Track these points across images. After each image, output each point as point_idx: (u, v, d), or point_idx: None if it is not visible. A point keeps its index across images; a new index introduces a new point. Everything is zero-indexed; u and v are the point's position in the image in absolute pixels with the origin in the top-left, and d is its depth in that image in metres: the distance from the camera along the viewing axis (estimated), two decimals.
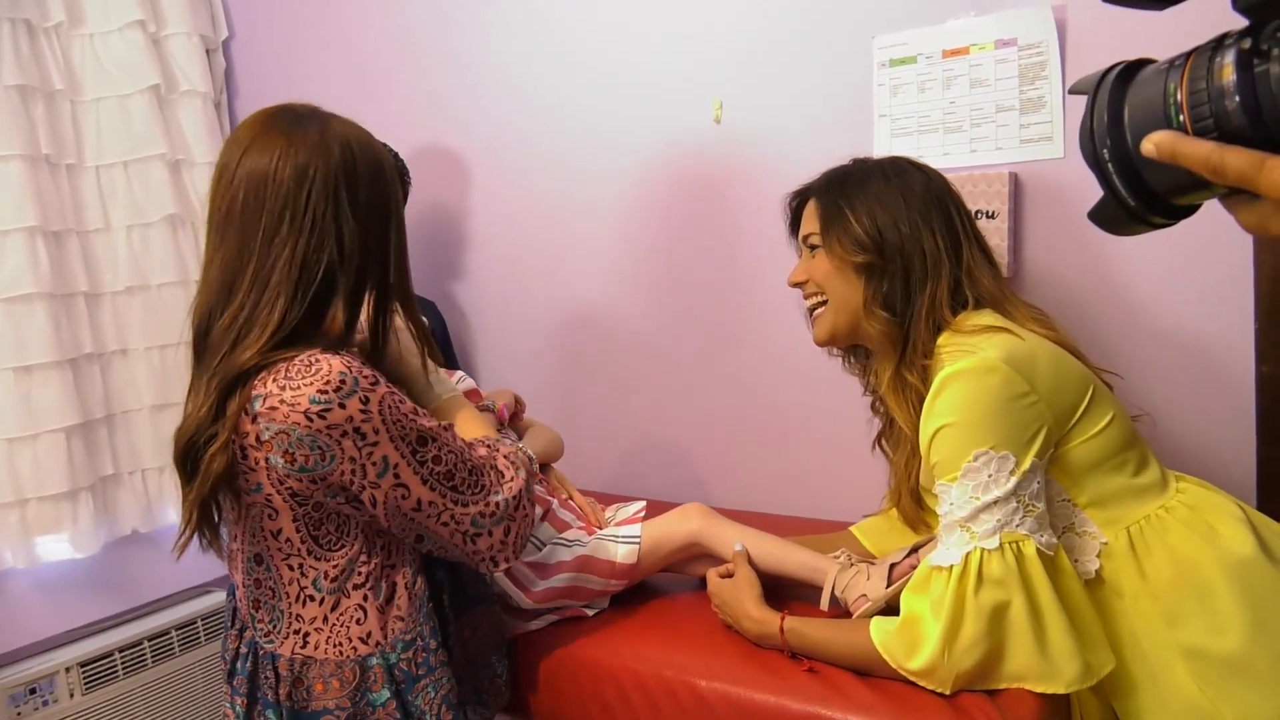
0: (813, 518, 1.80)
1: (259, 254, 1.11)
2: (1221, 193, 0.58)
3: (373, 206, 1.16)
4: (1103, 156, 0.62)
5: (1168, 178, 0.59)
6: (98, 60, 2.34)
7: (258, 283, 1.11)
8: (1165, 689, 1.15)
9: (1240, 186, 0.55)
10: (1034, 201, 1.57)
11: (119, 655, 2.31)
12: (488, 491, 1.15)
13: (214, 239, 1.16)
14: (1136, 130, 0.60)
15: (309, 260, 1.11)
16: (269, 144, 1.13)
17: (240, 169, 1.13)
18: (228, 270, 1.13)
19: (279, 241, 1.11)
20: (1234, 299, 1.41)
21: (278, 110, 1.19)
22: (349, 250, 1.13)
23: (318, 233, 1.11)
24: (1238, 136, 0.54)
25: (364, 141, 1.18)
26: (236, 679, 1.24)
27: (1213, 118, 0.55)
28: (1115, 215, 0.64)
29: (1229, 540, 1.16)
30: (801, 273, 1.40)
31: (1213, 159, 0.54)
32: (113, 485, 2.36)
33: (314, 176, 1.11)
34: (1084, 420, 1.19)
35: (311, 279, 1.11)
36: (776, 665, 1.26)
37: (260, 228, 1.11)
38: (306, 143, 1.13)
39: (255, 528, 1.16)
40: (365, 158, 1.16)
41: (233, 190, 1.13)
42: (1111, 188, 0.63)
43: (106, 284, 2.35)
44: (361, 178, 1.14)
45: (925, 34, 1.63)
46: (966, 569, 1.13)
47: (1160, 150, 0.57)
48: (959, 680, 1.13)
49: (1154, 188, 0.61)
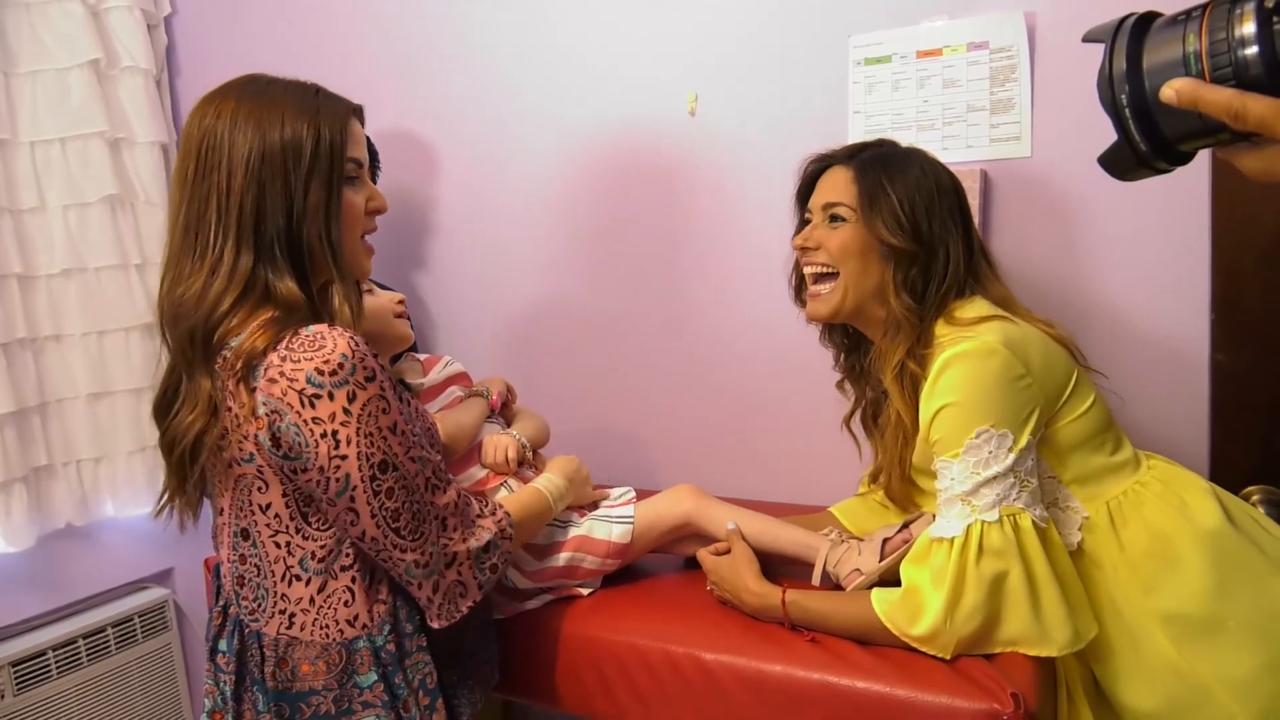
0: (790, 501, 1.84)
1: (210, 216, 1.11)
2: (1226, 140, 0.63)
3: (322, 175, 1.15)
4: (1120, 102, 0.66)
5: (1181, 124, 0.63)
6: (34, 32, 2.23)
7: (210, 234, 1.11)
8: (1144, 652, 1.23)
9: (1258, 131, 0.59)
10: (1002, 198, 1.65)
11: (52, 654, 2.22)
12: (425, 540, 1.13)
13: (173, 205, 1.16)
14: (1154, 78, 0.64)
15: (261, 220, 1.11)
16: (226, 107, 1.13)
17: (196, 136, 1.13)
18: (188, 231, 1.13)
19: (232, 199, 1.11)
20: (1191, 292, 1.51)
21: (246, 77, 1.19)
22: (296, 212, 1.13)
23: (270, 195, 1.11)
24: (1255, 85, 0.59)
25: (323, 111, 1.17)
26: (221, 656, 1.22)
27: (1231, 66, 0.59)
28: (1125, 160, 0.68)
29: (1199, 512, 1.25)
30: (815, 239, 1.40)
31: (1234, 105, 0.59)
32: (46, 477, 2.25)
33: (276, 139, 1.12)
34: (1070, 403, 1.27)
35: (259, 238, 1.11)
36: (779, 636, 1.30)
37: (213, 191, 1.11)
38: (279, 109, 1.13)
39: (243, 501, 1.15)
40: (315, 126, 1.15)
41: (188, 156, 1.14)
42: (1126, 132, 0.66)
43: (41, 266, 2.24)
44: (309, 143, 1.14)
45: (900, 34, 1.70)
46: (968, 540, 1.18)
47: (1181, 97, 0.61)
48: (959, 645, 1.19)
49: (1166, 134, 0.65)
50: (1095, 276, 1.59)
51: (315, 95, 1.17)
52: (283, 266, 1.12)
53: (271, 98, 1.14)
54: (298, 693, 1.16)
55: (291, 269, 1.13)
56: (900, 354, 1.33)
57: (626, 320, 2.06)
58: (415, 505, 1.11)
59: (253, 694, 1.18)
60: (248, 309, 1.11)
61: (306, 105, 1.15)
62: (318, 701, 1.15)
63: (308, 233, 1.14)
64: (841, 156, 1.42)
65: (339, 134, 1.16)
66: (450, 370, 1.59)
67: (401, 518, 1.10)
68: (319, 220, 1.14)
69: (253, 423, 1.07)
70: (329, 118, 1.16)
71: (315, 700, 1.15)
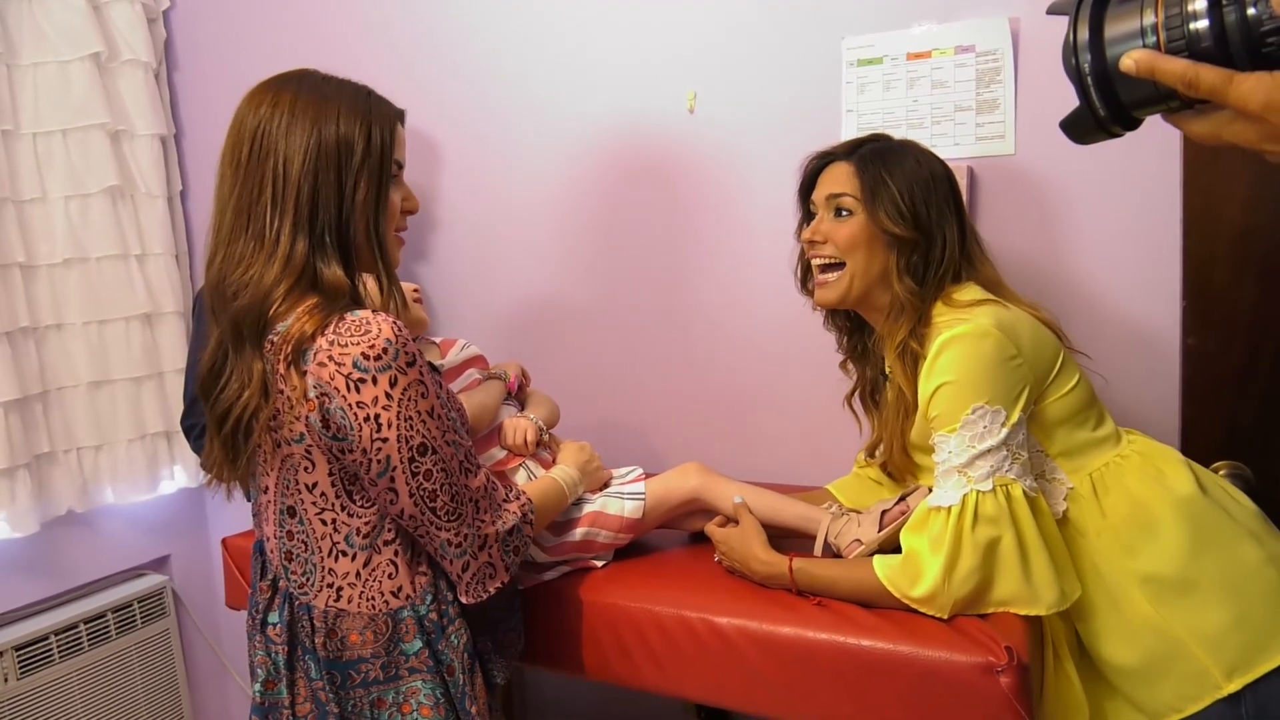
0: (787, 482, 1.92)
1: (265, 200, 1.16)
2: (1175, 107, 0.70)
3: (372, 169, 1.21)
4: (1083, 69, 0.72)
5: (1137, 92, 0.70)
6: (36, 24, 2.26)
7: (265, 216, 1.16)
8: (1124, 611, 1.33)
9: (1209, 98, 0.67)
10: (988, 193, 1.74)
11: (55, 639, 2.26)
12: (461, 521, 1.19)
13: (224, 187, 1.21)
14: (1114, 47, 0.70)
15: (316, 209, 1.17)
16: (283, 98, 1.19)
17: (251, 123, 1.18)
18: (241, 213, 1.18)
19: (289, 186, 1.16)
20: (1164, 281, 1.62)
21: (300, 71, 1.25)
22: (346, 206, 1.19)
23: (323, 186, 1.17)
24: (1205, 56, 0.66)
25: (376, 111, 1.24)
26: (273, 628, 1.27)
27: (1185, 39, 0.67)
28: (1085, 124, 0.75)
29: (1175, 481, 1.35)
30: (822, 233, 1.48)
31: (1188, 74, 0.66)
32: (48, 464, 2.28)
33: (329, 134, 1.17)
34: (1056, 381, 1.36)
35: (313, 226, 1.17)
36: (787, 601, 1.38)
37: (268, 177, 1.16)
38: (331, 103, 1.19)
39: (289, 479, 1.20)
40: (366, 125, 1.21)
41: (240, 141, 1.19)
42: (1087, 98, 0.73)
43: (43, 256, 2.27)
44: (360, 141, 1.20)
45: (891, 37, 1.79)
46: (964, 508, 1.27)
47: (1139, 66, 0.68)
48: (955, 606, 1.28)
49: (1123, 100, 0.72)
50: (1075, 266, 1.69)
51: (368, 96, 1.24)
52: (331, 255, 1.18)
53: (326, 94, 1.20)
54: (347, 661, 1.22)
55: (340, 257, 1.19)
56: (903, 334, 1.42)
57: (625, 310, 2.14)
58: (452, 487, 1.17)
59: (305, 663, 1.24)
60: (297, 294, 1.16)
61: (359, 105, 1.21)
62: (366, 669, 1.22)
63: (355, 227, 1.20)
64: (841, 152, 1.51)
65: (389, 135, 1.23)
66: (468, 353, 1.65)
67: (438, 499, 1.16)
68: (367, 215, 1.20)
69: (304, 405, 1.13)
70: (380, 119, 1.22)
71: (364, 668, 1.22)
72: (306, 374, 1.12)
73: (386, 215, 1.24)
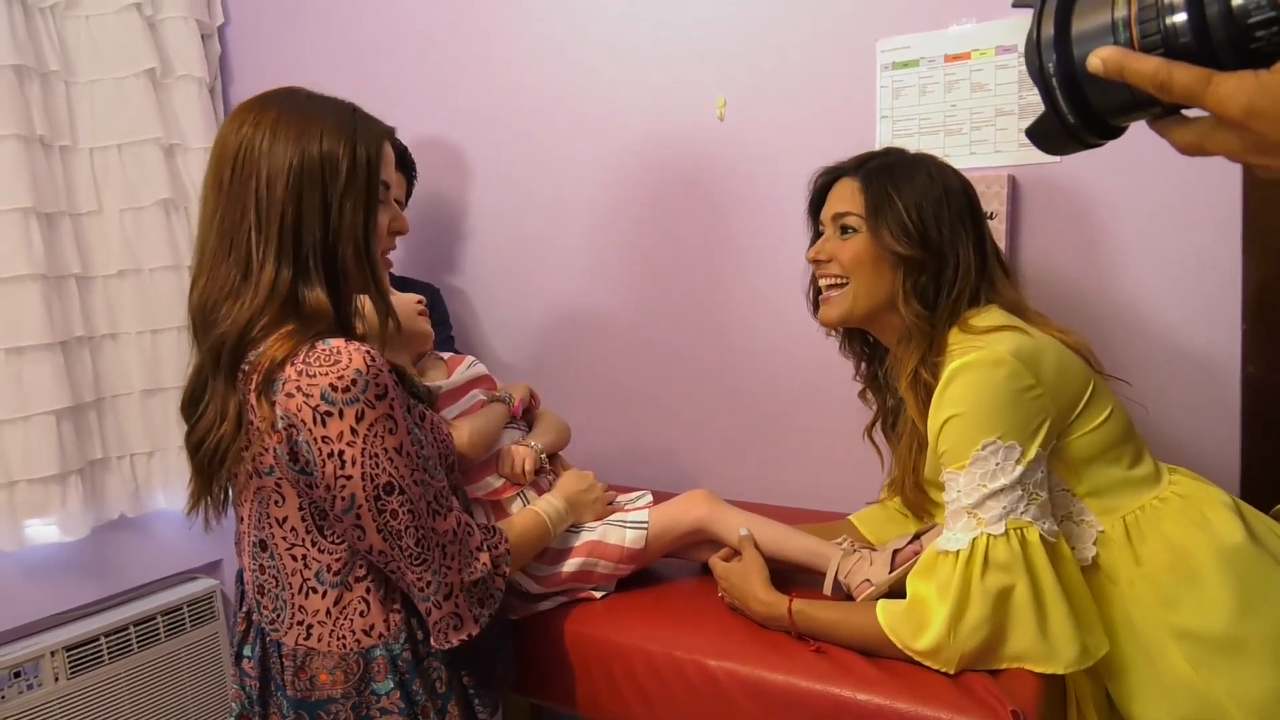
0: (810, 508, 1.84)
1: (249, 224, 1.13)
2: (1157, 113, 0.59)
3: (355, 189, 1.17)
4: (1047, 71, 0.62)
5: (1110, 96, 0.60)
6: (93, 42, 2.32)
7: (248, 243, 1.13)
8: (1160, 670, 1.21)
9: (1185, 103, 0.56)
10: (1031, 203, 1.62)
11: (105, 640, 2.31)
12: (426, 566, 1.14)
13: (207, 209, 1.17)
14: (1082, 45, 0.60)
15: (300, 232, 1.13)
16: (266, 116, 1.15)
17: (233, 143, 1.15)
18: (224, 237, 1.15)
19: (272, 208, 1.12)
20: (1223, 302, 1.47)
21: (284, 90, 1.21)
22: (332, 227, 1.14)
23: (307, 208, 1.13)
24: (1184, 53, 0.56)
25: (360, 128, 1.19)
26: (246, 661, 1.25)
27: (1160, 34, 0.56)
28: (1053, 132, 0.64)
29: (1221, 527, 1.21)
30: (827, 251, 1.39)
31: (1160, 74, 0.56)
32: (101, 469, 2.34)
33: (310, 153, 1.13)
34: (1084, 414, 1.24)
35: (298, 250, 1.13)
36: (784, 645, 1.30)
37: (251, 199, 1.13)
38: (310, 122, 1.15)
39: (261, 512, 1.18)
40: (351, 144, 1.16)
41: (223, 162, 1.15)
42: (1054, 104, 0.63)
43: (98, 267, 2.33)
44: (345, 159, 1.15)
45: (928, 39, 1.68)
46: (973, 554, 1.17)
47: (1107, 66, 0.58)
48: (963, 660, 1.18)
49: (1094, 105, 0.61)
50: (1123, 285, 1.55)
51: (352, 114, 1.19)
52: (315, 279, 1.14)
53: (309, 112, 1.16)
54: (317, 700, 1.18)
55: (324, 281, 1.15)
56: (914, 362, 1.32)
57: (654, 322, 2.08)
58: (419, 530, 1.13)
59: (277, 699, 1.22)
60: (278, 322, 1.13)
61: (344, 123, 1.17)
62: (336, 709, 1.18)
63: (343, 249, 1.15)
64: (850, 167, 1.42)
65: (375, 152, 1.18)
66: (473, 372, 1.61)
67: (404, 539, 1.12)
68: (355, 238, 1.16)
69: (272, 435, 1.10)
70: (365, 137, 1.18)
71: (334, 708, 1.18)
72: (275, 404, 1.09)
73: (375, 236, 1.20)
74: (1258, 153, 0.57)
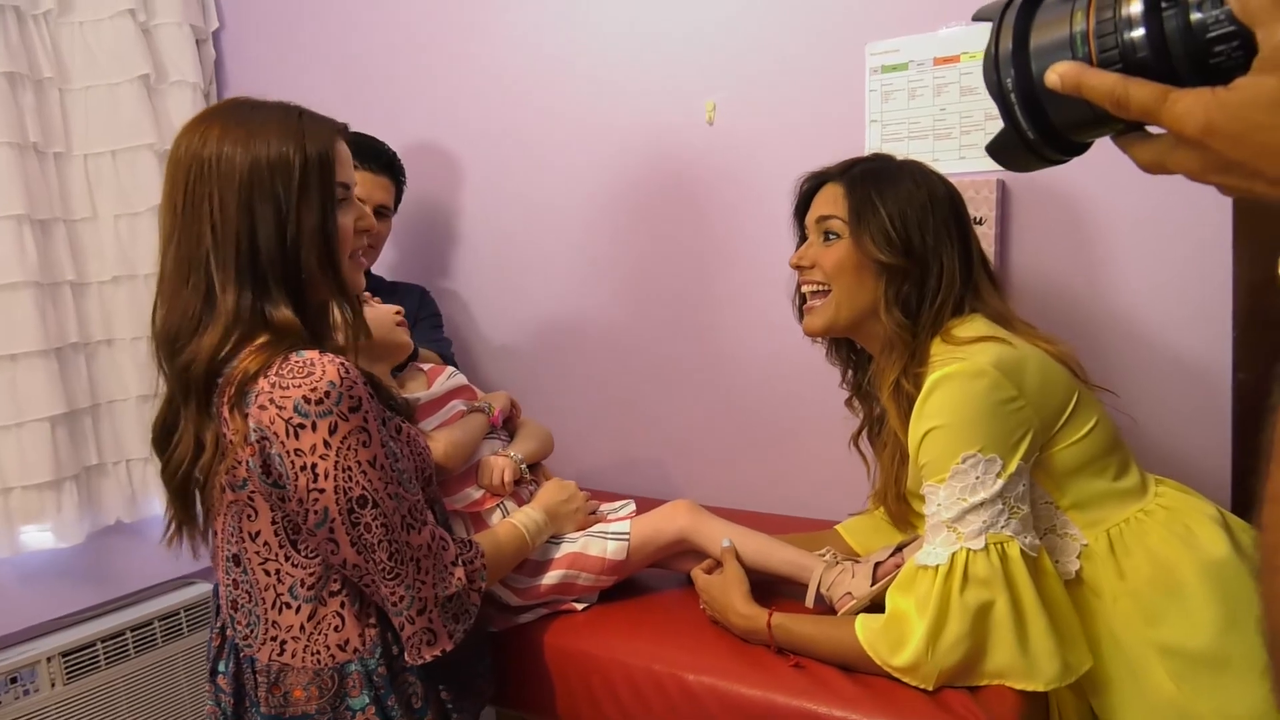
0: (800, 515, 1.82)
1: (205, 248, 1.11)
2: (1119, 129, 0.57)
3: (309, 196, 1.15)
4: (1006, 86, 0.61)
5: (1070, 111, 0.58)
6: (87, 48, 2.32)
7: (207, 269, 1.11)
8: (1143, 686, 1.18)
9: (1143, 120, 0.54)
10: (1021, 208, 1.59)
11: (101, 645, 2.31)
12: (399, 580, 1.13)
13: (163, 233, 1.16)
14: (1041, 60, 0.59)
15: (257, 250, 1.11)
16: (211, 132, 1.13)
17: (184, 162, 1.13)
18: (182, 263, 1.13)
19: (227, 229, 1.10)
20: (1213, 308, 1.44)
21: (228, 101, 1.20)
22: (290, 235, 1.13)
23: (261, 221, 1.11)
24: (1142, 68, 0.54)
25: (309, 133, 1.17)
26: (221, 677, 1.24)
27: (1118, 49, 0.54)
28: (1014, 148, 0.63)
29: (1205, 542, 1.19)
30: (810, 257, 1.37)
31: (1117, 91, 0.54)
32: (97, 475, 2.35)
33: (262, 163, 1.12)
34: (1069, 425, 1.22)
35: (256, 270, 1.11)
36: (763, 660, 1.28)
37: (206, 222, 1.11)
38: (261, 132, 1.13)
39: (234, 526, 1.17)
40: (300, 145, 1.15)
41: (176, 183, 1.13)
42: (1013, 119, 0.61)
43: (93, 273, 2.34)
44: (296, 161, 1.13)
45: (917, 41, 1.66)
46: (952, 569, 1.15)
47: (1065, 81, 0.56)
48: (942, 677, 1.16)
49: (1054, 121, 0.60)
50: (1113, 289, 1.53)
51: (299, 116, 1.17)
52: (279, 296, 1.12)
53: (255, 119, 1.15)
54: (291, 717, 1.17)
55: (288, 295, 1.13)
56: (895, 372, 1.30)
57: (643, 328, 2.06)
58: (392, 544, 1.11)
59: (252, 715, 1.21)
60: (246, 342, 1.11)
61: (291, 125, 1.15)
62: None
63: (305, 257, 1.14)
64: (834, 173, 1.40)
65: (328, 151, 1.16)
66: (453, 383, 1.60)
67: (377, 553, 1.11)
68: (316, 245, 1.14)
69: (245, 449, 1.09)
70: (314, 136, 1.15)
71: None
72: (248, 416, 1.08)
73: (339, 240, 1.18)
74: (1217, 172, 0.55)
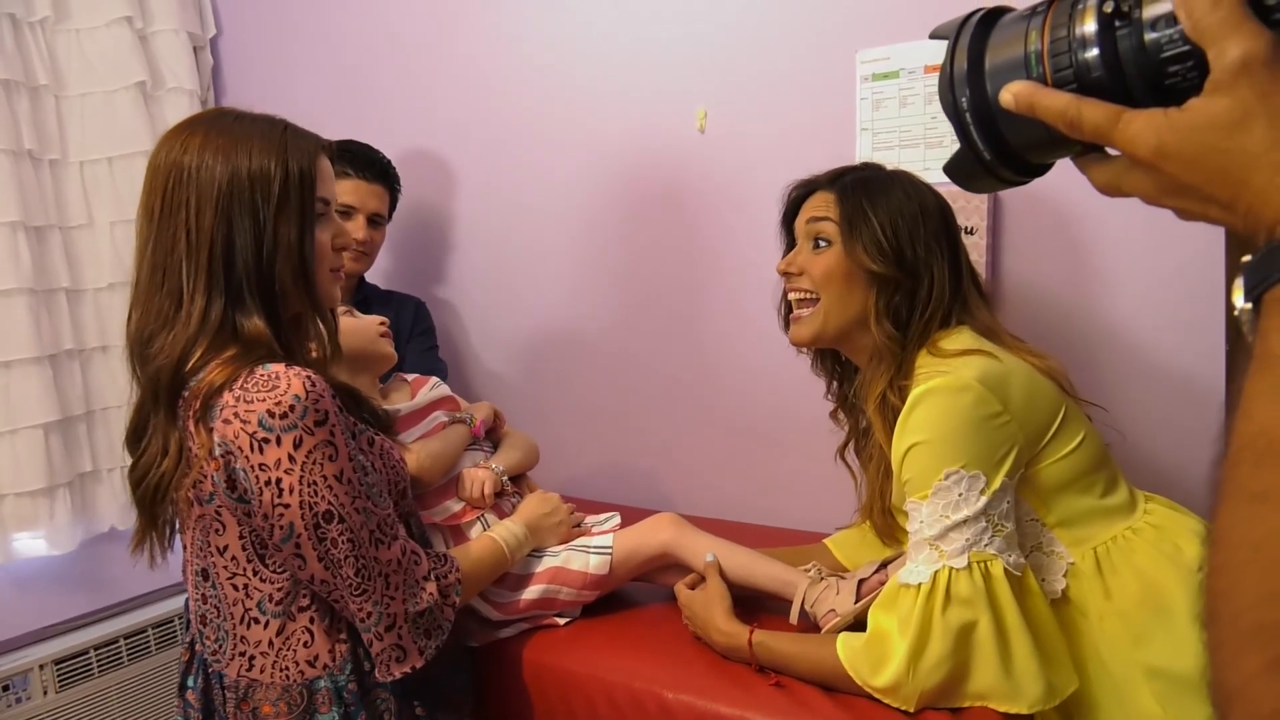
0: (788, 527, 1.80)
1: (179, 254, 1.11)
2: (1076, 150, 0.56)
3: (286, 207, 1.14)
4: (961, 106, 0.59)
5: (1025, 132, 0.57)
6: (83, 55, 2.32)
7: (179, 280, 1.11)
8: (1129, 708, 1.16)
9: (1096, 141, 0.53)
10: (1012, 218, 1.57)
11: (94, 653, 2.30)
12: (367, 596, 1.11)
13: (140, 239, 1.15)
14: (996, 80, 0.57)
15: (231, 260, 1.11)
16: (193, 140, 1.13)
17: (164, 169, 1.13)
18: (156, 269, 1.13)
19: (201, 237, 1.10)
20: (1205, 320, 1.42)
21: (213, 110, 1.20)
22: (266, 248, 1.12)
23: (238, 231, 1.11)
24: (1097, 89, 0.52)
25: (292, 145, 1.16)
26: (190, 693, 1.23)
27: (1072, 68, 0.53)
28: (970, 168, 0.61)
29: (1193, 559, 1.17)
30: (798, 264, 1.35)
31: (1069, 111, 0.53)
32: (91, 482, 2.34)
33: (236, 175, 1.11)
34: (1055, 441, 1.20)
35: (230, 279, 1.11)
36: (744, 678, 1.26)
37: (181, 228, 1.10)
38: (243, 142, 1.12)
39: (202, 541, 1.16)
40: (283, 159, 1.14)
41: (154, 189, 1.13)
42: (968, 139, 0.60)
43: (89, 280, 2.33)
44: (277, 176, 1.13)
45: (908, 49, 1.64)
46: (934, 588, 1.13)
47: (1019, 101, 0.55)
48: (923, 698, 1.14)
49: (1012, 142, 0.58)
50: (1105, 301, 1.51)
51: (283, 130, 1.17)
52: (252, 307, 1.12)
53: (238, 131, 1.14)
54: None
55: (261, 307, 1.13)
56: (882, 385, 1.28)
57: (633, 336, 2.05)
58: (359, 559, 1.10)
59: None
60: (215, 351, 1.10)
61: (274, 139, 1.14)
62: None
63: (280, 270, 1.13)
64: (824, 181, 1.37)
65: (308, 167, 1.15)
66: (436, 394, 1.59)
67: (344, 568, 1.10)
68: (291, 259, 1.13)
69: (210, 463, 1.08)
70: (297, 151, 1.15)
71: None
72: (213, 430, 1.07)
73: (315, 256, 1.17)
74: (1170, 195, 0.53)
